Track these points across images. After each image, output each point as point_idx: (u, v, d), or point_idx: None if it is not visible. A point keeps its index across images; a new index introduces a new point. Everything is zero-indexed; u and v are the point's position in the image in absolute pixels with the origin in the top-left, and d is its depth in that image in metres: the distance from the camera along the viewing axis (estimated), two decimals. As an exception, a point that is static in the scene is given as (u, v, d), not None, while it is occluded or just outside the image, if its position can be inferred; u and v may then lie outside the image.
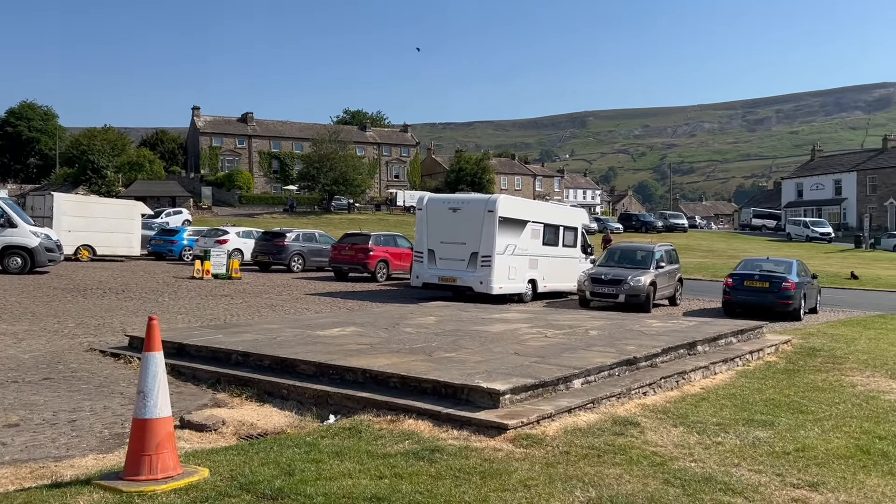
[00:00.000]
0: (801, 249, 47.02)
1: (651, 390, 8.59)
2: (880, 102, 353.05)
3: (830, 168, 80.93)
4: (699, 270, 32.80)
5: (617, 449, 6.13)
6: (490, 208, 18.97)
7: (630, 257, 20.79)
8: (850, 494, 5.23)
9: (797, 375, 10.10)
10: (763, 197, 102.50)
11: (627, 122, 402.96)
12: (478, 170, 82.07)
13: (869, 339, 14.03)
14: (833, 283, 28.83)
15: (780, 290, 18.40)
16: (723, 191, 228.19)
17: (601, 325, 12.47)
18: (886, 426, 7.30)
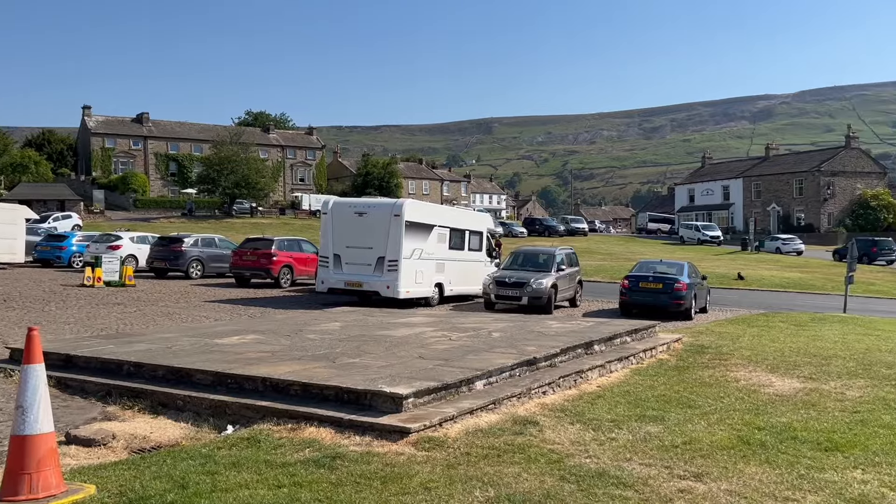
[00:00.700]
0: (692, 252, 49.46)
1: (550, 389, 8.83)
2: (763, 113, 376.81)
3: (719, 175, 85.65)
4: (599, 273, 33.93)
5: (516, 448, 6.27)
6: (396, 212, 18.98)
7: (532, 261, 21.29)
8: (731, 483, 5.55)
9: (686, 372, 10.63)
10: (658, 202, 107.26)
11: (531, 128, 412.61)
12: (385, 174, 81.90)
13: (752, 336, 14.92)
14: (721, 284, 30.48)
15: (672, 291, 19.30)
16: (621, 196, 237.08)
17: (504, 327, 12.71)
18: (765, 418, 7.79)
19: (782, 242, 55.12)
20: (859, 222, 68.41)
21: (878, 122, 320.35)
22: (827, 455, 6.36)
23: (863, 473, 5.86)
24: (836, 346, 13.43)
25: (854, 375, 10.47)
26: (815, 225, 71.35)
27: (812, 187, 72.49)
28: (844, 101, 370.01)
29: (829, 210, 71.84)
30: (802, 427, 7.35)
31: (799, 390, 9.36)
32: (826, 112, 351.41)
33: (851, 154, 74.20)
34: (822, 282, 34.03)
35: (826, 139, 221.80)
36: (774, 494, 5.31)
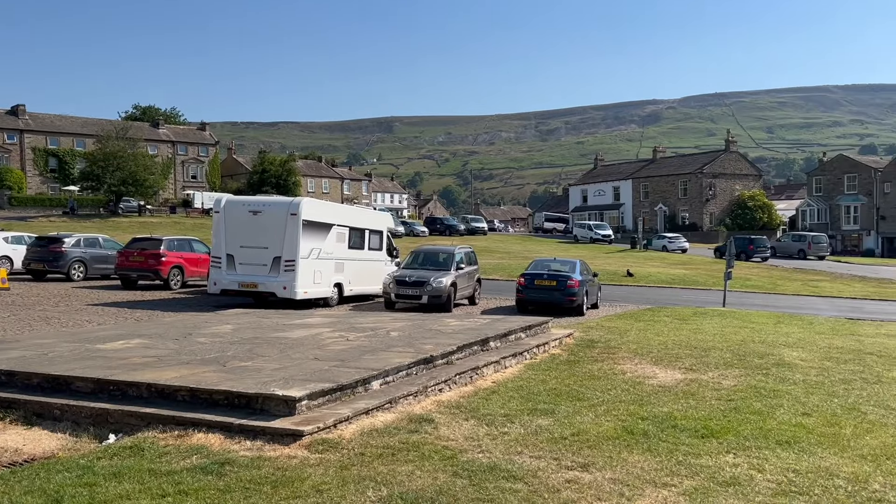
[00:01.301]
0: (585, 250, 51.23)
1: (447, 387, 8.92)
2: (652, 117, 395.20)
3: (610, 176, 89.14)
4: (497, 271, 34.56)
5: (411, 446, 6.30)
6: (293, 211, 18.61)
7: (432, 259, 21.43)
8: (616, 472, 5.80)
9: (577, 366, 11.00)
10: (554, 202, 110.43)
11: (432, 128, 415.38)
12: (283, 171, 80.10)
13: (639, 330, 15.62)
14: (612, 281, 31.72)
15: (565, 288, 19.93)
16: (519, 196, 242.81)
17: (402, 326, 12.73)
18: (648, 408, 8.18)
19: (668, 241, 57.92)
20: (738, 222, 72.86)
21: (755, 128, 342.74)
22: (703, 441, 6.75)
23: (734, 457, 6.27)
24: (714, 339, 14.25)
25: (730, 366, 11.15)
26: (698, 224, 75.46)
27: (695, 188, 76.65)
28: (725, 107, 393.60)
29: (711, 210, 76.18)
30: (682, 416, 7.76)
31: (680, 381, 9.88)
32: (709, 117, 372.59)
33: (731, 157, 78.97)
34: (704, 278, 35.98)
35: (708, 143, 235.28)
36: (654, 481, 5.58)
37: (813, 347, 13.49)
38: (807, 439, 6.96)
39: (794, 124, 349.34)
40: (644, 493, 5.30)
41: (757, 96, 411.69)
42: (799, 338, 14.93)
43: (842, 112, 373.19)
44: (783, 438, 6.93)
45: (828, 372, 10.78)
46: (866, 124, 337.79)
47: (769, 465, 6.07)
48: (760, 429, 7.30)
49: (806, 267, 45.83)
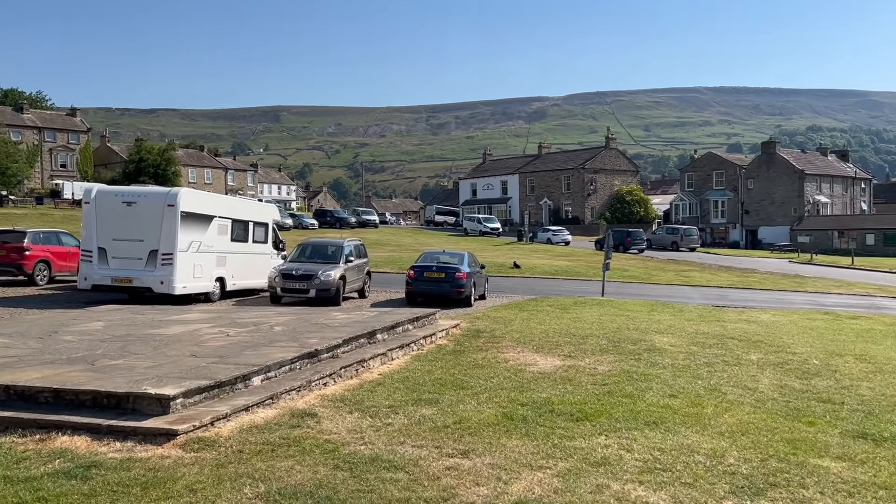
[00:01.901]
0: (475, 243, 52.07)
1: (331, 380, 8.84)
2: (538, 114, 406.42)
3: (498, 171, 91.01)
4: (388, 264, 34.52)
5: (292, 441, 6.21)
6: (170, 202, 17.81)
7: (321, 252, 21.12)
8: (494, 457, 5.95)
9: (462, 355, 11.19)
10: (444, 195, 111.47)
11: (321, 119, 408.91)
12: (162, 161, 76.44)
13: (522, 319, 16.07)
14: (500, 272, 32.44)
15: (454, 280, 20.19)
16: (410, 189, 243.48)
17: (287, 320, 12.49)
18: (528, 394, 8.44)
19: (553, 234, 59.84)
20: (617, 215, 76.27)
21: (634, 126, 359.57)
22: (578, 424, 7.05)
23: (606, 439, 6.58)
24: (592, 327, 14.87)
25: (605, 352, 11.68)
26: (580, 217, 78.40)
27: (578, 183, 79.57)
28: (606, 105, 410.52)
29: (593, 204, 79.34)
30: (559, 401, 8.07)
31: (559, 367, 10.26)
32: (591, 115, 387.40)
33: (611, 154, 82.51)
34: (585, 269, 37.43)
35: (591, 139, 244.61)
36: (531, 464, 5.78)
37: (682, 333, 14.35)
38: (672, 419, 7.40)
39: (669, 123, 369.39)
40: (520, 476, 5.48)
41: (635, 96, 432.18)
42: (670, 324, 15.83)
43: (711, 112, 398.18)
44: (651, 419, 7.34)
45: (694, 356, 11.50)
46: (733, 124, 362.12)
47: (637, 444, 6.43)
48: (631, 411, 7.70)
49: (678, 258, 48.59)
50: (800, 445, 6.57)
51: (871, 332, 15.77)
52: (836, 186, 75.47)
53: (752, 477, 5.63)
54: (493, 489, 5.20)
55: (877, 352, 12.74)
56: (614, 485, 5.36)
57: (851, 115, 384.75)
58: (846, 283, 34.38)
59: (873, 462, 6.14)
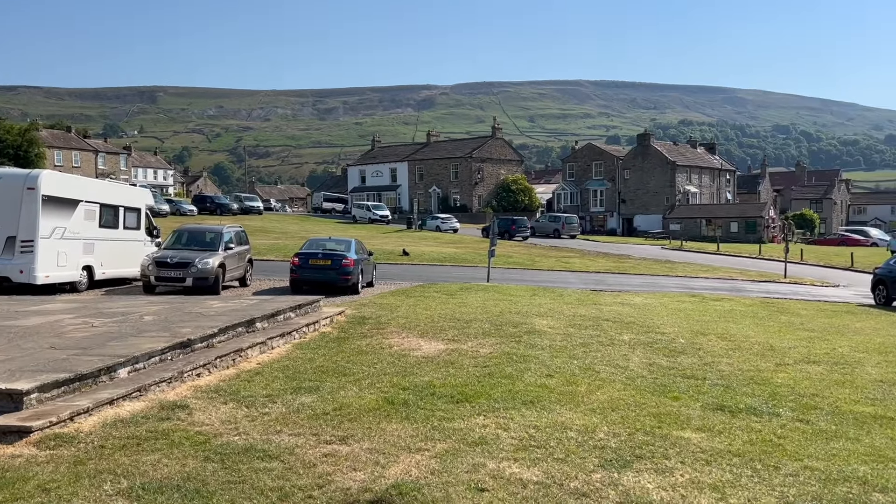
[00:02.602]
0: (364, 230, 51.71)
1: (206, 371, 8.50)
2: (427, 102, 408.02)
3: (388, 158, 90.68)
4: (272, 251, 33.65)
5: (160, 434, 5.91)
6: (30, 185, 16.51)
7: (198, 239, 20.26)
8: (373, 441, 5.91)
9: (346, 343, 11.07)
10: (333, 182, 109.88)
11: (201, 101, 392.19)
12: (23, 142, 70.71)
13: (409, 306, 16.10)
14: (388, 260, 32.36)
15: (340, 267, 19.93)
16: (297, 175, 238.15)
17: (159, 309, 11.90)
18: (410, 378, 8.46)
19: (441, 221, 60.39)
20: (503, 203, 77.91)
21: (519, 117, 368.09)
22: (458, 406, 7.13)
23: (484, 419, 6.69)
24: (476, 311, 15.11)
25: (488, 335, 11.90)
26: (468, 205, 79.53)
27: (465, 172, 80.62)
28: (492, 95, 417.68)
29: (480, 192, 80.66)
30: (441, 384, 8.13)
31: (442, 351, 10.35)
32: (478, 105, 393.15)
33: (497, 144, 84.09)
34: (472, 256, 38.01)
35: (478, 129, 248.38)
36: (409, 447, 5.78)
37: (560, 316, 14.84)
38: (548, 398, 7.63)
39: (553, 114, 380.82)
40: (398, 460, 5.47)
41: (521, 87, 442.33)
42: (550, 308, 16.34)
43: (592, 105, 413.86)
44: (528, 398, 7.54)
45: (571, 337, 11.92)
46: (612, 117, 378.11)
47: (514, 423, 6.58)
48: (510, 391, 7.87)
49: (560, 245, 50.28)
50: (665, 419, 6.94)
51: (732, 313, 16.92)
52: (704, 177, 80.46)
53: (620, 450, 5.89)
54: (370, 473, 5.17)
55: (736, 330, 13.68)
56: (490, 463, 5.45)
57: (718, 111, 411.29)
58: (712, 267, 36.76)
59: (729, 432, 6.58)
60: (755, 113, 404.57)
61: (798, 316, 16.91)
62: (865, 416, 7.34)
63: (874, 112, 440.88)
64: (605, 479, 5.19)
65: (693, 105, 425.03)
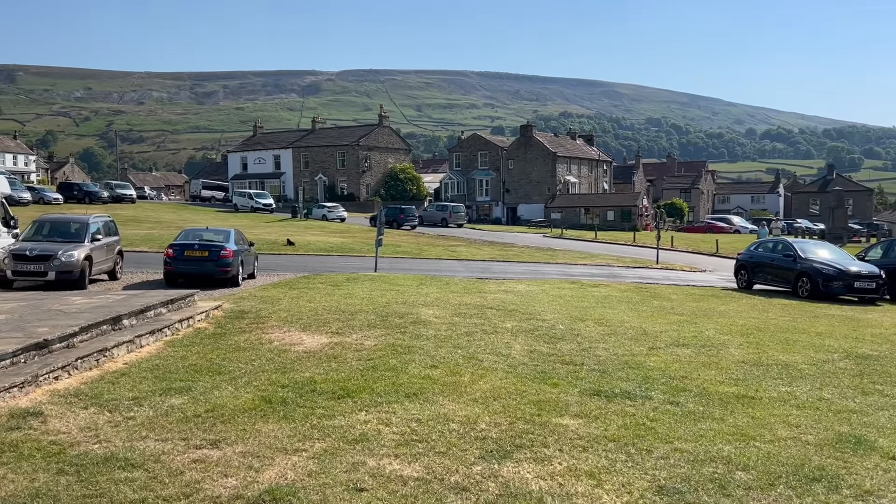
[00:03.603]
0: (246, 220, 50.05)
1: (65, 373, 7.85)
2: (312, 88, 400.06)
3: (271, 144, 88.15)
4: (146, 242, 31.89)
5: (7, 446, 5.38)
6: None
7: (62, 230, 18.85)
8: (248, 444, 5.63)
9: (223, 339, 10.58)
10: (212, 169, 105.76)
11: (67, 81, 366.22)
12: None
13: (292, 298, 15.65)
14: (272, 250, 31.45)
15: (219, 259, 19.11)
16: (174, 162, 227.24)
17: (12, 307, 10.92)
18: (291, 375, 8.17)
19: (328, 210, 59.44)
20: (391, 192, 77.70)
21: (406, 105, 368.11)
22: (339, 402, 6.94)
23: (366, 415, 6.55)
24: (362, 302, 14.89)
25: (373, 326, 11.73)
26: (356, 194, 78.73)
27: (352, 160, 79.72)
28: (380, 83, 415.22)
29: (367, 181, 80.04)
30: (323, 379, 7.90)
31: (325, 345, 10.09)
32: (365, 92, 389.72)
33: (384, 132, 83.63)
34: (360, 245, 37.61)
35: (365, 117, 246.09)
36: (286, 448, 5.55)
37: (447, 305, 14.89)
38: (432, 389, 7.58)
39: (439, 104, 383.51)
40: (274, 463, 5.23)
41: (407, 76, 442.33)
42: (436, 297, 16.36)
43: (477, 96, 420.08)
44: (412, 391, 7.45)
45: (456, 326, 11.96)
46: (496, 108, 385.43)
47: (396, 417, 6.47)
48: (393, 384, 7.76)
49: (447, 234, 50.73)
50: (544, 406, 7.05)
51: (609, 299, 17.59)
52: (584, 168, 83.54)
53: (501, 440, 5.91)
54: (242, 479, 4.90)
55: (612, 316, 14.21)
56: (370, 461, 5.32)
57: (597, 104, 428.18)
58: (590, 254, 38.22)
59: (605, 417, 6.77)
60: (630, 106, 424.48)
61: (669, 300, 17.80)
62: (729, 397, 7.75)
63: (736, 107, 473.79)
64: (486, 472, 5.18)
65: (573, 98, 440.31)
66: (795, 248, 21.56)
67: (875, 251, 22.96)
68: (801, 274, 20.46)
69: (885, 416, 7.10)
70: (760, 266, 22.39)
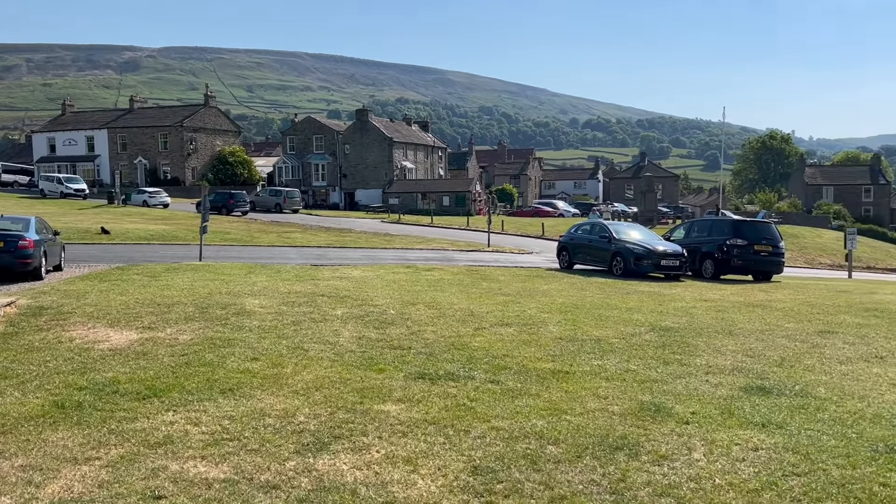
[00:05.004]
0: (54, 206, 45.71)
1: None
2: (130, 64, 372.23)
3: (83, 124, 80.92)
4: (-72, 233, 28.07)
5: None
6: None
7: None
8: (30, 456, 5.03)
9: (14, 339, 9.47)
10: (15, 151, 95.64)
11: None
12: None
13: (101, 291, 14.38)
14: (84, 239, 28.93)
15: (17, 250, 17.20)
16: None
17: None
18: (91, 375, 7.45)
19: (149, 196, 55.67)
20: (220, 177, 74.16)
21: (236, 86, 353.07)
22: (143, 403, 6.40)
23: (173, 415, 6.08)
24: (182, 294, 13.99)
25: (191, 319, 11.03)
26: (181, 178, 74.33)
27: (176, 142, 75.10)
28: (207, 62, 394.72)
29: (193, 164, 75.80)
30: (127, 379, 7.27)
31: (135, 341, 9.33)
32: (190, 70, 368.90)
33: (211, 112, 79.48)
34: (185, 233, 35.56)
35: (191, 96, 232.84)
36: (77, 457, 5.01)
37: (275, 294, 14.36)
38: (250, 384, 7.22)
39: (272, 85, 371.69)
40: (60, 475, 4.69)
41: (237, 55, 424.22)
42: (264, 286, 15.75)
43: (312, 78, 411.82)
44: (227, 386, 7.05)
45: (282, 316, 11.54)
46: (332, 91, 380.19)
47: (207, 416, 6.07)
48: (208, 380, 7.30)
49: (282, 220, 49.32)
50: (367, 393, 6.94)
51: (441, 282, 17.87)
52: (420, 154, 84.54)
53: (319, 432, 5.71)
54: (19, 497, 4.34)
55: (443, 298, 14.41)
56: (173, 465, 4.92)
57: (432, 91, 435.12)
58: (426, 239, 38.78)
59: (427, 400, 6.77)
60: (464, 94, 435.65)
61: (497, 282, 18.40)
62: (546, 373, 8.07)
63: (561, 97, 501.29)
64: (300, 466, 4.97)
65: (409, 84, 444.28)
66: (610, 230, 23.08)
67: (679, 232, 25.16)
68: (615, 254, 21.95)
69: (682, 383, 7.70)
70: (580, 247, 23.77)
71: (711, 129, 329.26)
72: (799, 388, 7.53)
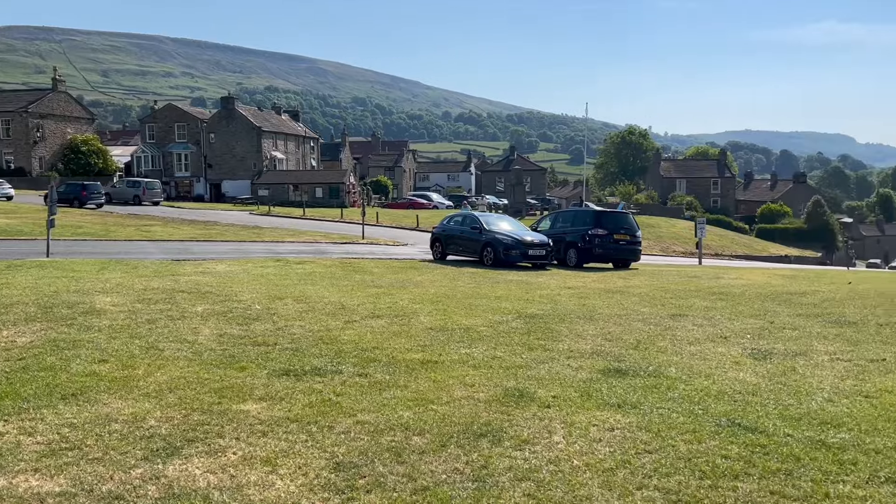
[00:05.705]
0: None
1: None
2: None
3: None
4: None
5: None
6: None
7: None
8: None
9: None
10: None
11: None
12: None
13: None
14: None
15: None
16: None
17: None
18: None
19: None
20: (72, 167, 69.06)
21: (89, 70, 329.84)
22: (-32, 415, 5.77)
23: (4, 425, 5.51)
24: (23, 293, 12.84)
25: (32, 320, 10.13)
26: (26, 169, 68.58)
27: (21, 129, 69.13)
28: (55, 44, 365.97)
29: (41, 154, 70.11)
30: (-49, 389, 6.54)
31: (-37, 347, 8.43)
32: (37, 52, 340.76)
33: (60, 98, 73.74)
34: (31, 227, 32.86)
35: (38, 80, 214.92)
36: None
37: (129, 291, 13.48)
38: (96, 387, 6.69)
39: (130, 71, 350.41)
40: None
41: (90, 37, 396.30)
42: (118, 283, 14.76)
43: (174, 64, 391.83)
44: (70, 391, 6.49)
45: (137, 314, 10.84)
46: (196, 78, 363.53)
47: (44, 424, 5.55)
48: (48, 385, 6.70)
49: (141, 212, 46.63)
50: (226, 393, 6.61)
51: (312, 275, 17.48)
52: (290, 144, 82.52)
53: (171, 437, 5.36)
54: None
55: (313, 292, 14.08)
56: (1, 481, 4.44)
57: (303, 80, 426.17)
58: (298, 231, 37.91)
59: (291, 397, 6.54)
60: (336, 84, 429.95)
61: (370, 274, 18.25)
62: (416, 363, 8.04)
63: (434, 91, 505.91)
64: (147, 474, 4.63)
65: (278, 72, 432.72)
66: (481, 222, 23.53)
67: (545, 223, 26.06)
68: (485, 244, 22.41)
69: (545, 368, 7.91)
70: (452, 238, 24.07)
71: (576, 124, 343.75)
72: (652, 368, 7.94)
